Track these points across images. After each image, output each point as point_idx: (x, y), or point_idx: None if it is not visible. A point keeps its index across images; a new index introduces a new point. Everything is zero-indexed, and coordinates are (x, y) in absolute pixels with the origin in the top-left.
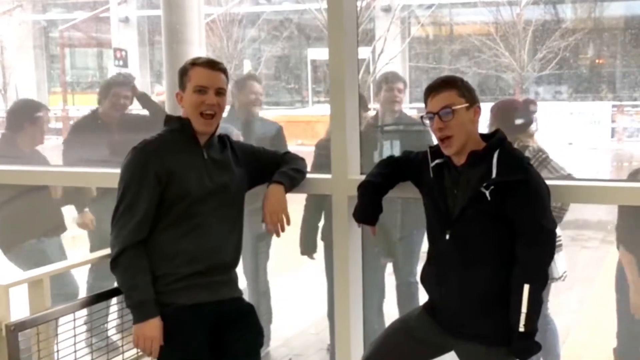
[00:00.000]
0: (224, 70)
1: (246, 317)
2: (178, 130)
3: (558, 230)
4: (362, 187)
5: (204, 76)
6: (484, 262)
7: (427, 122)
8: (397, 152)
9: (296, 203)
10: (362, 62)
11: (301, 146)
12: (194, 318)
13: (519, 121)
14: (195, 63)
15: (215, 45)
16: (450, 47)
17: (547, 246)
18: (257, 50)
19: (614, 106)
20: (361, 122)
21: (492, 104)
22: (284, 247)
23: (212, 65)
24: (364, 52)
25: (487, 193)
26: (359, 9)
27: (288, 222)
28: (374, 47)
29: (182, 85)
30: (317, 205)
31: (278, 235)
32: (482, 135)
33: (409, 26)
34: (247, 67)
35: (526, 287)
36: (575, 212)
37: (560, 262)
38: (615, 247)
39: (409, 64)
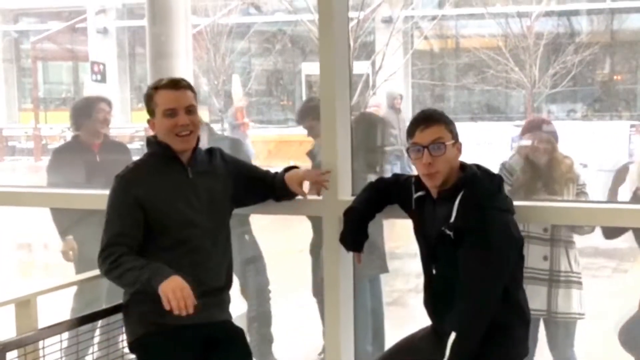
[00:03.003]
0: (189, 87)
1: (236, 340)
2: (158, 153)
3: (578, 267)
4: (347, 214)
5: (170, 98)
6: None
7: (411, 154)
8: None
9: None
10: (361, 77)
11: None
12: (185, 339)
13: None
14: (157, 87)
15: (201, 59)
16: (456, 62)
17: (474, 302)
18: (247, 64)
19: (632, 126)
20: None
21: (500, 123)
22: (279, 273)
23: (175, 85)
24: (363, 67)
25: (451, 234)
26: (357, 20)
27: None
28: (373, 62)
29: (151, 111)
30: None
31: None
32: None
33: (411, 39)
34: (236, 82)
35: (453, 335)
36: (586, 238)
37: (572, 301)
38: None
39: (411, 80)
